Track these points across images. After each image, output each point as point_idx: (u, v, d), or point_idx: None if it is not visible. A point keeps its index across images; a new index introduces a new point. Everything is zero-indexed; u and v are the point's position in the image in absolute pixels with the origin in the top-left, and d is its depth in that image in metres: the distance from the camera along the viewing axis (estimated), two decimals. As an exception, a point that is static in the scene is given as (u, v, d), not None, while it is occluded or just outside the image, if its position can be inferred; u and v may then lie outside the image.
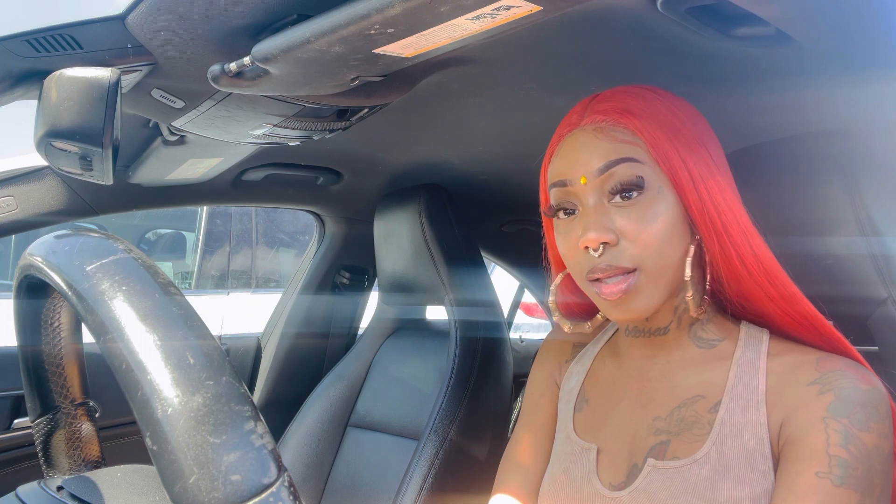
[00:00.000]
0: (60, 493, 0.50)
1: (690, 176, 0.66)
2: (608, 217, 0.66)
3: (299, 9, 0.70)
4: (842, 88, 0.85)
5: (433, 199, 1.48)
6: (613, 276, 0.66)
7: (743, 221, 0.67)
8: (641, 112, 0.67)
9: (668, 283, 0.68)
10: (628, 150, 0.66)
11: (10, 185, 1.20)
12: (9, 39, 0.75)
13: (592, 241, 0.65)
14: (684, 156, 0.67)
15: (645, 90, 0.70)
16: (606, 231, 0.66)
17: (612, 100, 0.69)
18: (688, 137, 0.68)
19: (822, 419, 0.61)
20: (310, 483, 1.50)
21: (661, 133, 0.67)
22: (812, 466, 0.60)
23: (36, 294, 0.52)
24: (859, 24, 0.70)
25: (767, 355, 0.68)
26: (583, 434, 0.75)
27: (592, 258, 0.67)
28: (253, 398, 0.44)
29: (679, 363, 0.72)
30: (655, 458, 0.67)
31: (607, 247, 0.66)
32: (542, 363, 0.87)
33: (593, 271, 0.67)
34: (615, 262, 0.66)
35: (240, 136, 1.02)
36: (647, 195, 0.66)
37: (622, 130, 0.67)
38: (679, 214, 0.67)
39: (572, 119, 0.72)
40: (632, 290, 0.66)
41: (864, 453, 0.59)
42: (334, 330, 1.89)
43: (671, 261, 0.67)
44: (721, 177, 0.68)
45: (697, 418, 0.67)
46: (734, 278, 0.68)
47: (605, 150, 0.67)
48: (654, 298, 0.67)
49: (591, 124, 0.69)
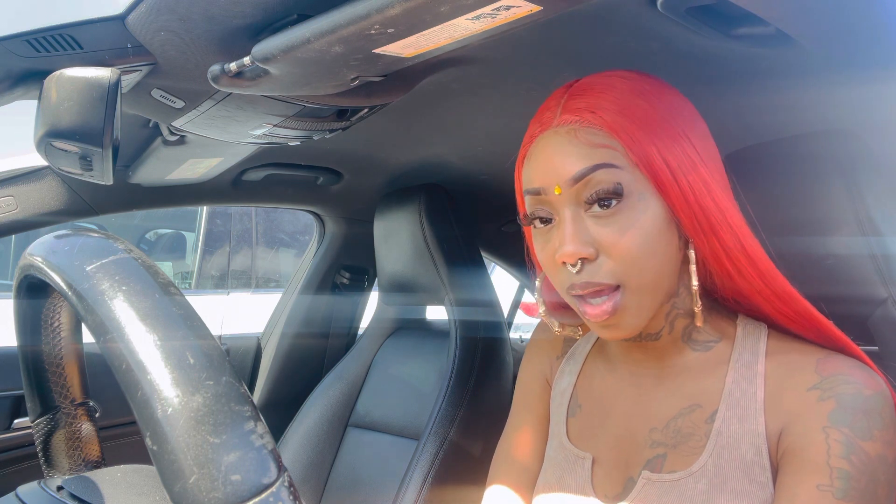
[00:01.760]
0: (60, 493, 0.50)
1: (671, 172, 0.61)
2: (585, 230, 0.62)
3: (299, 9, 0.70)
4: (842, 88, 0.85)
5: (433, 199, 1.48)
6: (596, 296, 0.62)
7: (732, 219, 0.63)
8: (614, 107, 0.62)
9: (657, 294, 0.64)
10: (604, 154, 0.61)
11: (10, 185, 1.20)
12: (9, 39, 0.75)
13: (569, 256, 0.61)
14: (663, 151, 0.61)
15: (617, 79, 0.65)
16: (583, 245, 0.61)
17: (586, 95, 0.64)
18: (664, 127, 0.62)
19: (822, 428, 0.58)
20: (310, 483, 1.50)
21: (637, 129, 0.61)
22: (813, 479, 0.57)
23: (36, 294, 0.52)
24: (859, 25, 0.70)
25: (766, 355, 0.65)
26: (577, 441, 0.73)
27: (571, 274, 0.63)
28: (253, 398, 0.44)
29: (673, 369, 0.69)
30: (651, 470, 0.66)
31: (586, 262, 0.62)
32: (532, 360, 0.84)
33: (572, 288, 0.63)
34: (594, 279, 0.61)
35: (240, 136, 1.02)
36: (628, 203, 0.61)
37: (597, 132, 0.62)
38: (664, 219, 0.62)
39: (545, 117, 0.66)
40: (618, 310, 0.62)
41: (866, 464, 0.57)
42: (334, 330, 1.89)
43: (657, 271, 0.62)
44: (705, 168, 0.63)
45: (694, 429, 0.65)
46: (727, 277, 0.65)
47: (580, 156, 0.61)
48: (643, 314, 0.63)
49: (564, 125, 0.63)
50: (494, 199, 1.68)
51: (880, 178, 0.81)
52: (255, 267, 3.94)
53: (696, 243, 0.64)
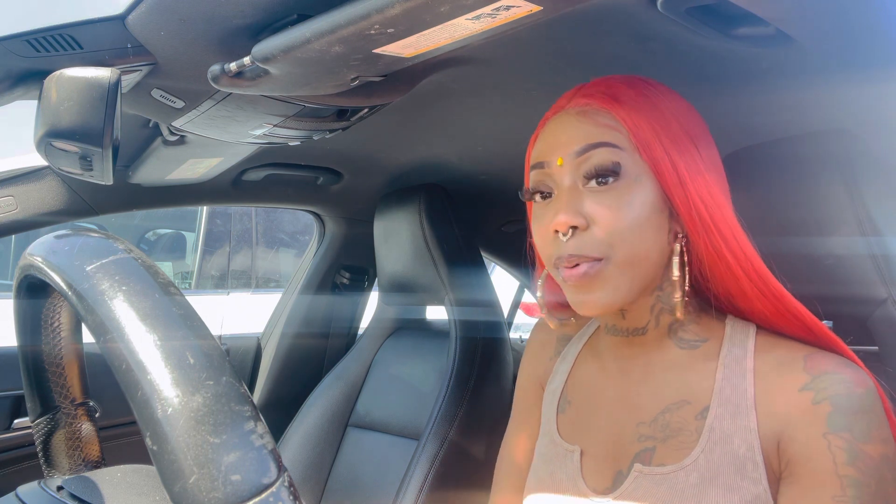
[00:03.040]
0: (60, 493, 0.50)
1: (675, 169, 0.64)
2: (581, 201, 0.64)
3: (299, 9, 0.70)
4: (842, 88, 0.85)
5: (433, 199, 1.48)
6: (578, 267, 0.64)
7: (730, 219, 0.65)
8: (628, 100, 0.66)
9: (638, 275, 0.65)
10: (608, 134, 0.64)
11: (10, 185, 1.21)
12: (9, 39, 0.75)
13: (562, 224, 0.64)
14: (669, 148, 0.64)
15: (638, 81, 0.69)
16: (576, 215, 0.64)
17: (601, 85, 0.68)
18: (675, 131, 0.66)
19: (823, 435, 0.59)
20: (310, 483, 1.50)
21: (646, 122, 0.65)
22: (826, 491, 0.58)
23: (36, 294, 0.52)
24: (859, 25, 0.70)
25: (754, 352, 0.66)
26: (566, 436, 0.74)
27: (560, 243, 0.65)
28: (253, 398, 0.44)
29: (661, 365, 0.69)
30: (641, 463, 0.66)
31: (577, 231, 0.64)
32: (527, 364, 0.86)
33: (560, 260, 0.65)
34: (581, 250, 0.63)
35: (240, 136, 1.03)
36: (624, 182, 0.64)
37: (605, 115, 0.65)
38: (656, 206, 0.64)
39: (559, 103, 0.71)
40: (596, 276, 0.63)
41: (872, 467, 0.58)
42: (334, 330, 1.89)
43: (642, 252, 0.64)
44: (709, 175, 0.66)
45: (684, 425, 0.65)
46: (721, 274, 0.66)
47: (585, 133, 0.65)
48: (621, 290, 0.64)
49: (575, 107, 0.67)
50: (494, 199, 1.68)
51: (880, 178, 0.81)
52: (255, 267, 3.94)
53: (692, 237, 0.66)
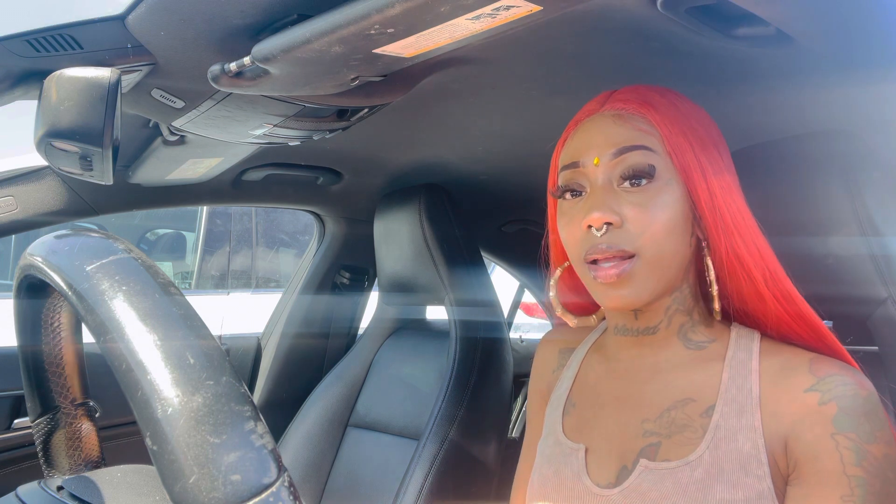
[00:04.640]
0: (60, 493, 0.50)
1: (703, 172, 0.67)
2: (615, 199, 0.67)
3: (299, 9, 0.70)
4: (842, 88, 0.85)
5: (433, 199, 1.48)
6: (611, 259, 0.66)
7: (749, 221, 0.68)
8: (661, 107, 0.69)
9: (664, 275, 0.68)
10: (644, 138, 0.67)
11: (10, 185, 1.20)
12: (9, 39, 0.75)
13: (596, 220, 0.66)
14: (698, 153, 0.68)
15: (667, 91, 0.72)
16: (611, 212, 0.66)
17: (635, 92, 0.71)
18: (703, 138, 0.69)
19: (831, 436, 0.60)
20: (310, 483, 1.50)
21: (678, 129, 0.68)
22: (835, 491, 0.59)
23: (36, 294, 0.52)
24: (859, 25, 0.70)
25: (759, 355, 0.68)
26: (571, 435, 0.76)
27: (594, 237, 0.67)
28: (253, 398, 0.44)
29: (667, 364, 0.71)
30: (647, 458, 0.67)
31: (610, 227, 0.66)
32: (534, 381, 0.88)
33: (592, 251, 0.67)
34: (615, 244, 0.66)
35: (240, 136, 1.03)
36: (657, 184, 0.67)
37: (640, 119, 0.69)
38: (685, 210, 0.68)
39: (591, 107, 0.73)
40: (626, 275, 0.66)
41: (877, 467, 0.60)
42: (334, 330, 1.89)
43: (670, 253, 0.67)
44: (731, 177, 0.69)
45: (689, 422, 0.67)
46: (739, 278, 0.68)
47: (622, 136, 0.68)
48: (648, 288, 0.67)
49: (611, 111, 0.70)
50: (494, 199, 1.68)
51: (880, 178, 0.81)
52: (255, 267, 3.94)
53: (712, 240, 0.69)
